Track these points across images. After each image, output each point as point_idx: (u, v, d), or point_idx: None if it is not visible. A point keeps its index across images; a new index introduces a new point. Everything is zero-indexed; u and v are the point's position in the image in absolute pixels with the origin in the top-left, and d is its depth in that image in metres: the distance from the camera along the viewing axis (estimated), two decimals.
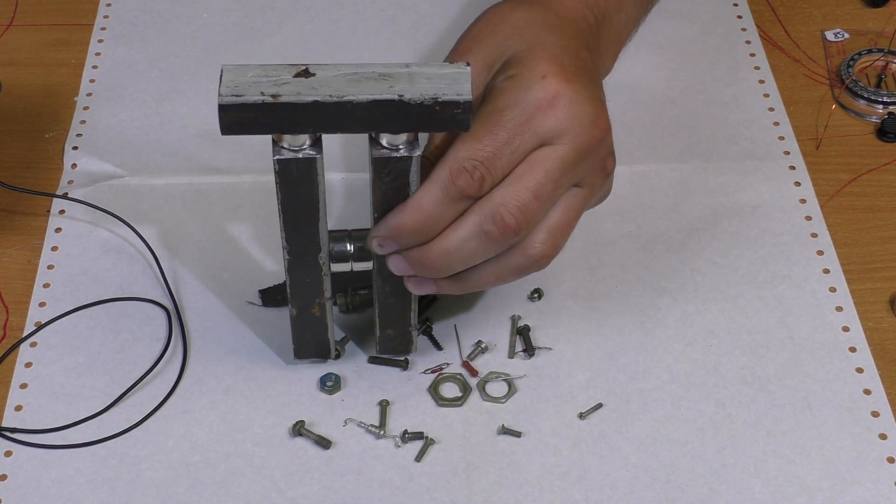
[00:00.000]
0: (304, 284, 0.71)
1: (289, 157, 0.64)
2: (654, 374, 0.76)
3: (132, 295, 0.80)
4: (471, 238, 0.66)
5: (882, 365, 0.77)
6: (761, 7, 1.01)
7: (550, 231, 0.68)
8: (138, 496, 0.70)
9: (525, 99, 0.66)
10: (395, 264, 0.68)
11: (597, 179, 0.70)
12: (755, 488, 0.70)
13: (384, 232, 0.67)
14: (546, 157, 0.66)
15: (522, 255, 0.68)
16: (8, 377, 0.75)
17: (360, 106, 0.62)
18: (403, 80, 0.62)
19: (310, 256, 0.69)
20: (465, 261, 0.67)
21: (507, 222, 0.65)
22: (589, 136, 0.67)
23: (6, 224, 0.84)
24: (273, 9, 1.01)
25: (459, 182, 0.65)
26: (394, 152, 0.64)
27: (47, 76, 0.95)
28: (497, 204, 0.65)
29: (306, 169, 0.65)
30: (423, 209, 0.65)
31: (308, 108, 0.62)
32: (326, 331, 0.73)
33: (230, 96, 0.62)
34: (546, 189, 0.66)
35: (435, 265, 0.67)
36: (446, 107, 0.62)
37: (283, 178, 0.65)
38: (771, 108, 0.92)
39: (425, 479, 0.71)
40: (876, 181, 0.88)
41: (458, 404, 0.74)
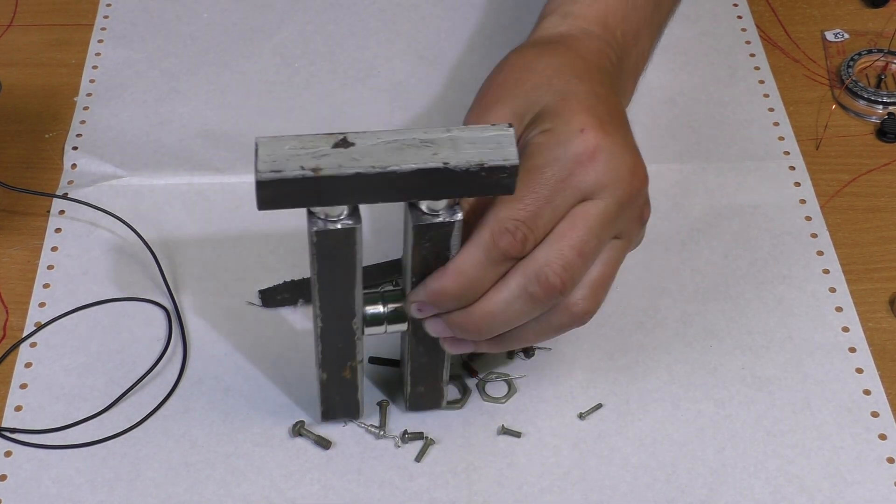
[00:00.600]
0: (336, 350, 0.68)
1: (326, 227, 0.61)
2: (654, 374, 0.76)
3: (132, 295, 0.80)
4: (515, 300, 0.64)
5: (882, 365, 0.77)
6: (761, 7, 1.01)
7: (592, 287, 0.66)
8: (138, 496, 0.70)
9: (564, 155, 0.64)
10: (434, 327, 0.66)
11: (634, 229, 0.68)
12: (755, 488, 0.71)
13: (424, 297, 0.65)
14: (588, 213, 0.64)
15: (566, 313, 0.66)
16: (8, 377, 0.75)
17: (405, 175, 0.59)
18: (447, 147, 0.60)
19: (343, 322, 0.66)
20: (509, 322, 0.65)
21: (551, 282, 0.63)
22: (629, 187, 0.65)
23: (6, 224, 0.84)
24: (273, 9, 1.01)
25: (502, 244, 0.63)
26: (434, 218, 0.62)
27: (47, 76, 0.95)
28: (541, 264, 0.64)
29: (345, 239, 0.62)
30: (466, 273, 0.63)
31: (350, 180, 0.59)
32: (357, 392, 0.71)
33: (269, 172, 0.58)
34: (589, 245, 0.64)
35: (477, 328, 0.65)
36: (492, 172, 0.60)
37: (320, 249, 0.62)
38: (771, 108, 0.92)
39: (425, 479, 0.71)
40: (876, 181, 0.88)
41: (458, 407, 0.74)
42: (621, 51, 0.75)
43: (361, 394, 0.71)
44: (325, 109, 0.92)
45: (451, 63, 0.95)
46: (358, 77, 0.95)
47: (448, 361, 0.71)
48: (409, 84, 0.94)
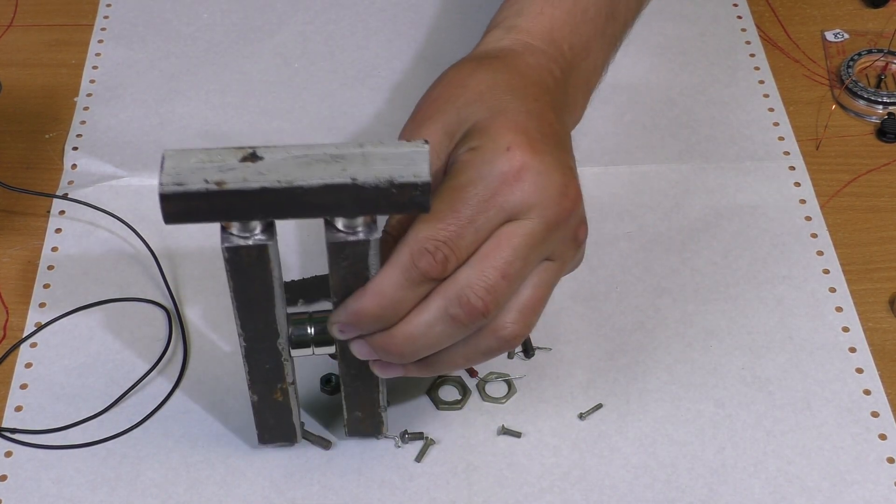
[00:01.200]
0: (263, 371, 0.67)
1: (238, 244, 0.60)
2: (654, 374, 0.76)
3: (132, 295, 0.80)
4: (436, 322, 0.62)
5: (882, 365, 0.77)
6: (761, 7, 1.01)
7: (521, 310, 0.63)
8: (138, 496, 0.70)
9: (489, 173, 0.62)
10: (358, 349, 0.64)
11: (568, 251, 0.66)
12: (755, 488, 0.71)
13: (344, 317, 0.62)
14: (513, 234, 0.62)
15: (493, 336, 0.63)
16: (8, 377, 0.75)
17: (312, 191, 0.57)
18: (357, 162, 0.58)
19: (268, 343, 0.65)
20: (432, 346, 0.63)
21: (473, 304, 0.61)
22: (558, 208, 0.63)
23: (6, 224, 0.84)
24: (273, 9, 1.01)
25: (421, 264, 0.60)
26: (350, 235, 0.60)
27: (47, 76, 0.95)
28: (462, 286, 0.61)
29: (258, 256, 0.60)
30: (384, 294, 0.61)
31: (256, 194, 0.57)
32: (290, 415, 0.69)
33: (171, 185, 0.57)
34: (514, 267, 0.62)
35: (399, 351, 0.63)
36: (403, 189, 0.58)
37: (233, 265, 0.61)
38: (771, 108, 0.92)
39: (425, 479, 0.71)
40: (876, 181, 0.88)
41: (458, 408, 0.74)
42: (568, 65, 0.73)
43: (297, 416, 0.70)
44: (325, 109, 0.92)
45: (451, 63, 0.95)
46: (358, 77, 0.95)
47: (383, 387, 0.69)
48: (409, 84, 0.94)
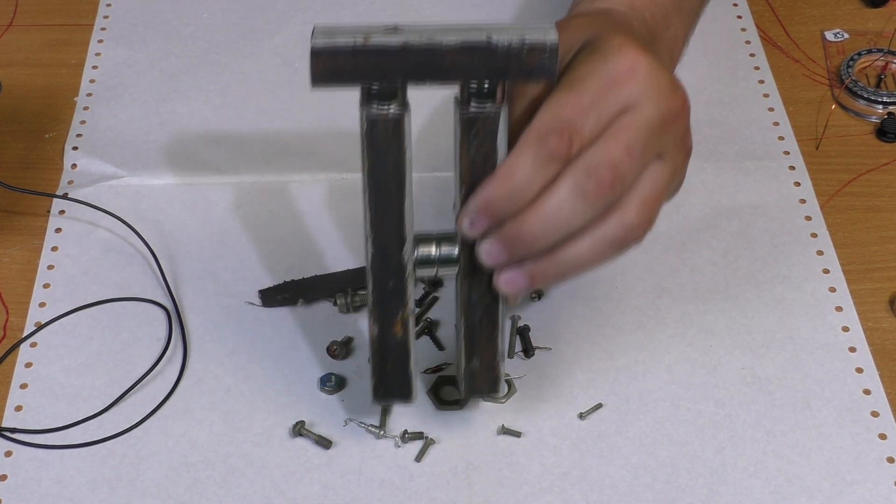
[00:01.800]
0: (386, 291, 0.67)
1: (377, 115, 0.63)
2: (654, 374, 0.76)
3: (132, 295, 0.80)
4: (568, 198, 0.64)
5: (882, 365, 0.77)
6: (761, 7, 1.01)
7: (642, 200, 0.66)
8: (138, 496, 0.70)
9: (605, 67, 0.65)
10: (488, 250, 0.65)
11: (678, 155, 0.68)
12: (755, 488, 0.71)
13: (475, 205, 0.64)
14: (633, 120, 0.65)
15: (619, 224, 0.66)
16: (8, 377, 0.75)
17: (450, 51, 0.62)
18: (492, 30, 0.63)
19: (394, 251, 0.66)
20: (563, 226, 0.64)
21: (602, 176, 0.63)
22: (670, 102, 0.66)
23: (6, 224, 0.84)
24: (273, 9, 1.01)
25: (550, 143, 0.63)
26: (482, 111, 0.64)
27: (47, 76, 0.95)
28: (591, 161, 0.64)
29: (394, 129, 0.64)
30: (515, 175, 0.63)
31: (398, 53, 0.62)
32: (409, 360, 0.69)
33: (322, 41, 0.62)
34: (636, 147, 0.64)
35: (532, 234, 0.64)
36: (533, 51, 0.62)
37: (370, 139, 0.64)
38: (771, 108, 0.92)
39: (425, 479, 0.71)
40: (876, 181, 0.88)
41: (458, 408, 0.74)
42: (651, 33, 0.75)
43: (414, 366, 0.70)
44: (325, 109, 0.92)
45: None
46: None
47: (503, 322, 0.69)
48: None
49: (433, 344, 0.77)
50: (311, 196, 0.86)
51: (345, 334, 0.77)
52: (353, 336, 0.77)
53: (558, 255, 0.66)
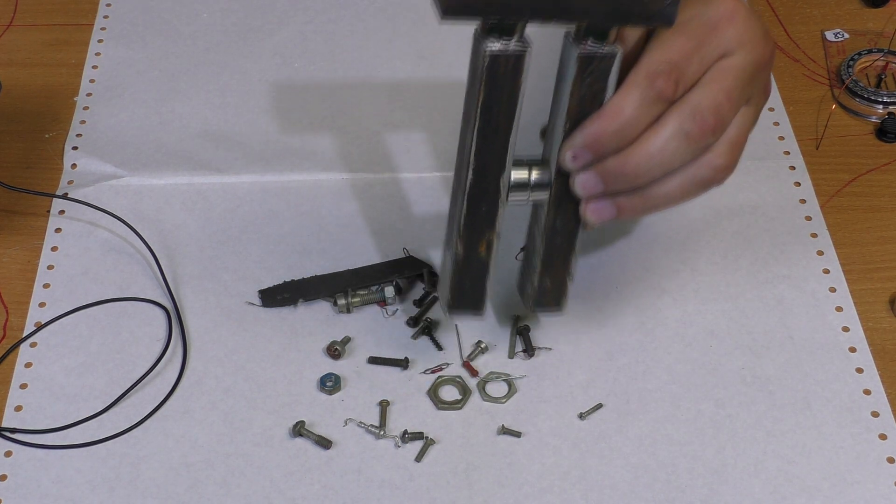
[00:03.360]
0: (478, 215, 0.69)
1: (499, 51, 0.64)
2: (654, 374, 0.76)
3: (132, 295, 0.80)
4: (671, 139, 0.66)
5: (882, 365, 0.77)
6: (761, 7, 1.01)
7: (730, 143, 0.69)
8: (138, 496, 0.70)
9: (706, 13, 0.68)
10: (585, 182, 0.68)
11: (761, 98, 0.71)
12: (755, 488, 0.71)
13: (581, 140, 0.67)
14: (732, 65, 0.67)
15: (709, 165, 0.68)
16: (8, 377, 0.75)
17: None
18: None
19: (492, 178, 0.68)
20: (664, 165, 0.67)
21: (707, 120, 0.66)
22: (764, 49, 0.69)
23: (6, 224, 0.84)
24: (273, 9, 1.01)
25: (657, 83, 0.65)
26: (599, 50, 0.65)
27: (47, 76, 0.95)
28: (695, 104, 0.66)
29: (515, 65, 0.64)
30: (624, 112, 0.66)
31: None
32: (486, 276, 0.71)
33: None
34: (735, 93, 0.67)
35: (634, 171, 0.67)
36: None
37: (490, 74, 0.64)
38: (771, 108, 0.92)
39: (425, 479, 0.71)
40: (876, 181, 0.88)
41: (458, 408, 0.74)
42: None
43: (491, 282, 0.71)
44: (325, 109, 0.92)
45: (451, 63, 0.95)
46: (358, 77, 0.95)
47: (578, 247, 0.71)
48: (409, 84, 0.94)
49: (433, 344, 0.77)
50: (311, 196, 0.86)
51: (345, 334, 0.77)
52: (352, 336, 0.77)
53: (649, 191, 0.69)
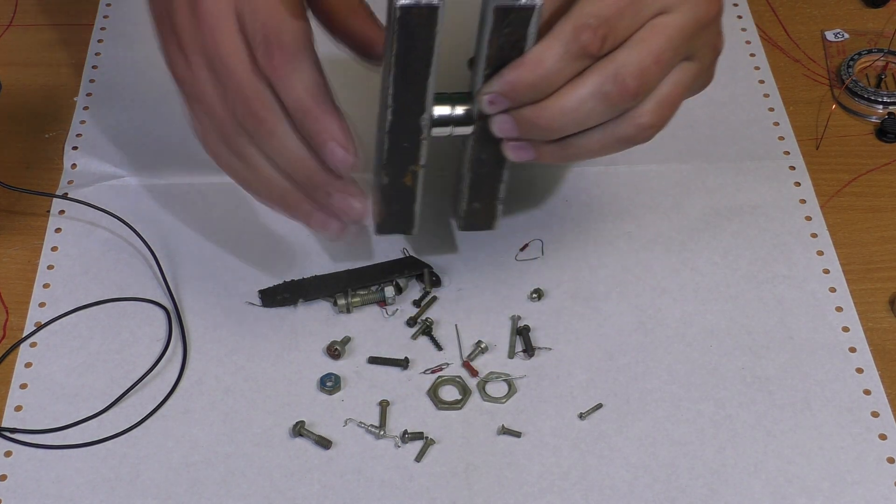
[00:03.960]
0: (401, 150, 0.69)
1: (411, 3, 0.62)
2: (654, 374, 0.76)
3: (132, 295, 0.80)
4: (589, 98, 0.65)
5: (882, 365, 0.76)
6: (761, 7, 1.01)
7: (660, 102, 0.67)
8: (138, 496, 0.70)
9: None
10: (501, 125, 0.67)
11: (707, 56, 0.69)
12: (755, 488, 0.70)
13: (498, 87, 0.65)
14: (667, 24, 0.65)
15: (631, 123, 0.67)
16: (8, 377, 0.75)
17: None
18: None
19: (412, 118, 0.67)
20: (579, 123, 0.66)
21: (627, 84, 0.64)
22: (708, 6, 0.66)
23: (6, 224, 0.84)
24: None
25: (583, 37, 0.63)
26: (516, 1, 0.63)
27: (47, 76, 0.95)
28: (619, 65, 0.64)
29: (427, 18, 0.63)
30: (543, 64, 0.64)
31: None
32: (414, 202, 0.72)
33: None
34: (666, 56, 0.65)
35: (548, 125, 0.65)
36: None
37: (402, 26, 0.63)
38: (771, 108, 0.92)
39: (425, 479, 0.71)
40: (876, 181, 0.88)
41: (458, 408, 0.74)
42: None
43: (419, 206, 0.72)
44: None
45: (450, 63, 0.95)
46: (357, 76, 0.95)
47: (507, 175, 0.71)
48: None
49: (432, 344, 0.77)
50: None
51: (344, 334, 0.77)
52: (352, 336, 0.77)
53: (567, 141, 0.67)
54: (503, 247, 0.82)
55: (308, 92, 0.66)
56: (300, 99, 0.66)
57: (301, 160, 0.68)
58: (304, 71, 0.66)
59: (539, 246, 0.82)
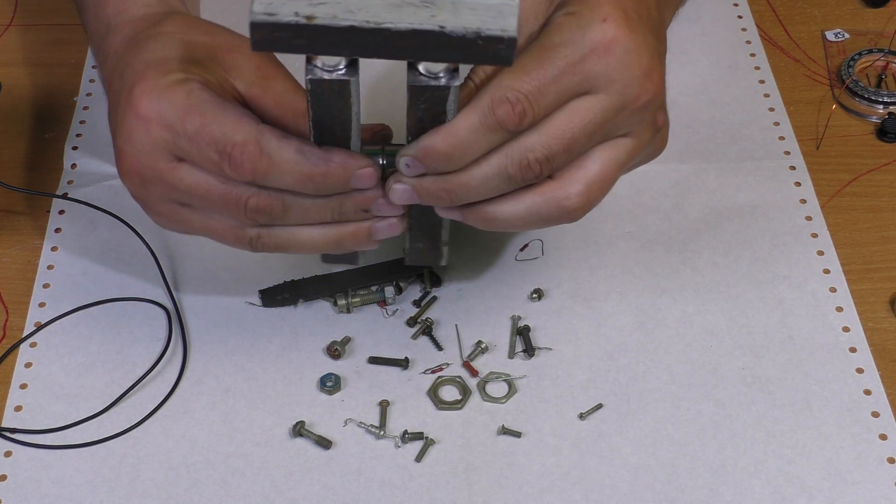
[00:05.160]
0: None
1: (321, 77, 0.62)
2: (654, 374, 0.76)
3: (132, 295, 0.80)
4: (493, 177, 0.64)
5: (882, 365, 0.76)
6: (761, 7, 1.01)
7: (588, 184, 0.66)
8: (138, 496, 0.70)
9: (581, 39, 0.63)
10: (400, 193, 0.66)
11: (645, 133, 0.67)
12: (755, 488, 0.70)
13: (413, 152, 0.64)
14: (588, 109, 0.64)
15: (556, 206, 0.66)
16: (8, 377, 0.75)
17: (399, 34, 0.59)
18: (446, 10, 0.58)
19: None
20: (485, 195, 0.65)
21: (531, 168, 0.64)
22: (639, 90, 0.64)
23: (6, 224, 0.84)
24: None
25: (499, 112, 0.62)
26: (432, 80, 0.62)
27: (47, 76, 0.95)
28: (526, 149, 0.63)
29: (339, 91, 0.62)
30: (457, 134, 0.63)
31: (343, 32, 0.59)
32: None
33: (262, 14, 0.58)
34: (579, 143, 0.64)
35: (451, 197, 0.65)
36: (489, 42, 0.58)
37: (314, 97, 0.63)
38: (771, 108, 0.92)
39: (425, 479, 0.71)
40: (876, 181, 0.88)
41: (458, 408, 0.74)
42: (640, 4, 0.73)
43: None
44: None
45: None
46: None
47: (448, 224, 0.71)
48: None
49: (432, 344, 0.77)
50: None
51: (345, 334, 0.77)
52: (352, 336, 0.77)
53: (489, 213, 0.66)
54: (503, 247, 0.82)
55: (297, 162, 0.65)
56: (295, 171, 0.65)
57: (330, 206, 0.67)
58: (281, 150, 0.65)
59: (539, 246, 0.82)
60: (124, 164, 0.68)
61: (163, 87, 0.66)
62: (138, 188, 0.68)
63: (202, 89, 0.66)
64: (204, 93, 0.65)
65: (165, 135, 0.65)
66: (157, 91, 0.66)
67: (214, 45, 0.69)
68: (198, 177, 0.66)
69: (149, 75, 0.66)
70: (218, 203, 0.66)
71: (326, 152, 0.65)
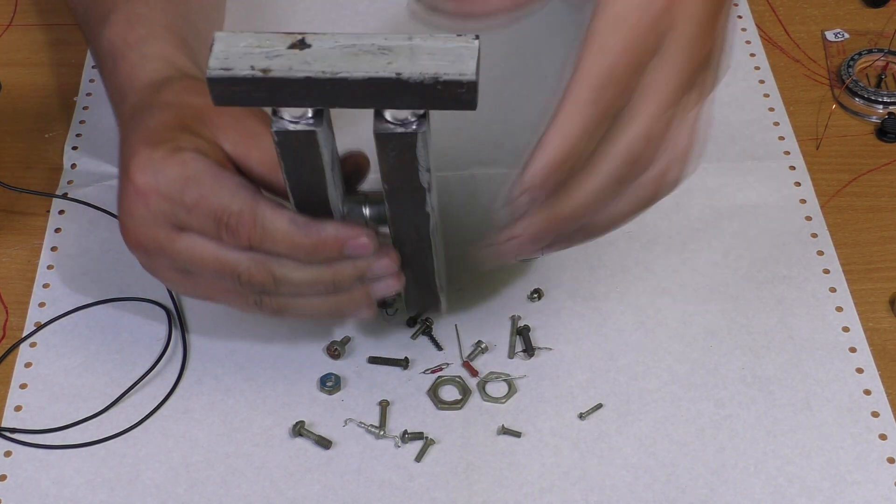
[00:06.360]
0: None
1: (287, 128, 0.61)
2: (654, 374, 0.76)
3: (132, 295, 0.80)
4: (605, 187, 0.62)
5: (882, 365, 0.76)
6: (761, 7, 1.01)
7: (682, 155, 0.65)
8: (138, 496, 0.70)
9: None
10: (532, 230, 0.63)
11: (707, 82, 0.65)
12: (755, 488, 0.70)
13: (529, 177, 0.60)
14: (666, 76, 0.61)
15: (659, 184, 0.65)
16: (8, 377, 0.75)
17: (356, 83, 0.58)
18: (404, 56, 0.57)
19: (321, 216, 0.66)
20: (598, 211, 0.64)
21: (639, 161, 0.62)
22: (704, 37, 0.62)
23: (6, 224, 0.84)
24: (273, 9, 1.01)
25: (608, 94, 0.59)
26: (398, 127, 0.60)
27: (47, 76, 0.95)
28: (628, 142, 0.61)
29: (307, 141, 0.61)
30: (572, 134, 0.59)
31: (300, 83, 0.58)
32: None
33: (219, 70, 0.58)
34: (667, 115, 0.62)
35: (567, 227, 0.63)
36: (448, 86, 0.57)
37: (283, 148, 0.62)
38: (771, 108, 0.92)
39: (425, 479, 0.71)
40: (876, 181, 0.88)
41: (458, 408, 0.74)
42: None
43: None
44: None
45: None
46: None
47: (438, 265, 0.70)
48: None
49: (432, 344, 0.77)
50: None
51: (344, 334, 0.77)
52: (352, 336, 0.77)
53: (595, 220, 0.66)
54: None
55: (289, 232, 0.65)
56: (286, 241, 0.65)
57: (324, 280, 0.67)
58: (274, 221, 0.65)
59: None
60: (128, 237, 0.69)
61: (157, 160, 0.66)
62: (144, 258, 0.69)
63: (196, 158, 0.66)
64: (198, 161, 0.66)
65: (164, 206, 0.66)
66: (152, 164, 0.66)
67: (204, 107, 0.68)
68: (197, 246, 0.67)
69: (142, 150, 0.67)
70: (216, 273, 0.67)
71: (319, 223, 0.65)
